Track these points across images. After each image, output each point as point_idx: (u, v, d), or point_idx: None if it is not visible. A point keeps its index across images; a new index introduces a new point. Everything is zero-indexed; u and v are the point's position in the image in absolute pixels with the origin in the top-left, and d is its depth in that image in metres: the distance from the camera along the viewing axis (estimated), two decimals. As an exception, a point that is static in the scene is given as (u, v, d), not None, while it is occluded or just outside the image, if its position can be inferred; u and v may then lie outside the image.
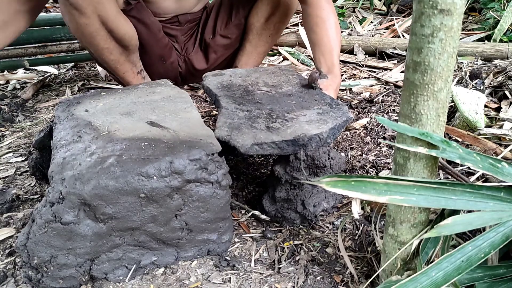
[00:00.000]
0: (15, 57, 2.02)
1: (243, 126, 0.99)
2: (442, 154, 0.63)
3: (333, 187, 0.62)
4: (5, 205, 1.14)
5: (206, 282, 0.88)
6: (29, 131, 1.61)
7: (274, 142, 0.93)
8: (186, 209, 0.88)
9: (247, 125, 0.99)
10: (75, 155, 0.86)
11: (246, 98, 1.12)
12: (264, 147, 0.94)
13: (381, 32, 2.30)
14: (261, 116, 1.03)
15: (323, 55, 1.39)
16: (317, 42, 1.40)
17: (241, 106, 1.08)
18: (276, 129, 0.97)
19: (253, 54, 1.68)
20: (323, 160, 0.97)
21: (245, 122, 1.00)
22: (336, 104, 1.09)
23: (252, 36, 1.64)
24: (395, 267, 0.74)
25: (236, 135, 0.95)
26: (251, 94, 1.14)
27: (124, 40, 1.42)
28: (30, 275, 0.84)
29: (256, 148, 0.93)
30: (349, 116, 1.03)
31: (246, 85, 1.20)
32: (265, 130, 0.97)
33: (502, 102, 1.34)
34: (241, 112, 1.05)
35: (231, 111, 1.05)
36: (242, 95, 1.13)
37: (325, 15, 1.39)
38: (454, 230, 0.63)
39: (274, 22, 1.61)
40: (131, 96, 1.13)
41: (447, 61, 0.60)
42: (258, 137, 0.94)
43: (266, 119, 1.01)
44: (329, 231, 1.00)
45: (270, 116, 1.03)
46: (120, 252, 0.88)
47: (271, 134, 0.95)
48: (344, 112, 1.04)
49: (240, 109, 1.06)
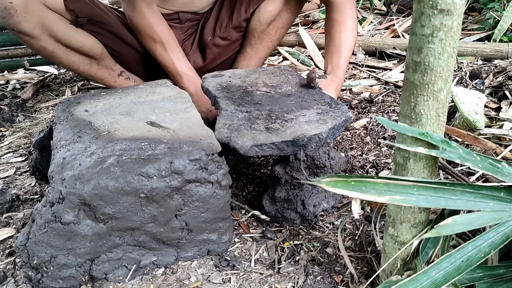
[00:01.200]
0: (15, 57, 2.03)
1: (242, 127, 0.99)
2: (442, 154, 0.63)
3: (333, 187, 0.62)
4: (5, 205, 1.14)
5: (206, 282, 0.88)
6: (29, 131, 1.61)
7: (273, 143, 0.93)
8: (186, 209, 0.88)
9: (246, 126, 0.99)
10: (75, 155, 0.86)
11: (246, 99, 1.12)
12: (263, 148, 0.94)
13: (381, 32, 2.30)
14: (260, 117, 1.03)
15: (331, 56, 1.41)
16: (329, 44, 1.44)
17: (240, 107, 1.08)
18: (275, 130, 0.97)
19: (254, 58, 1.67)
20: (323, 160, 0.97)
21: (245, 123, 1.00)
22: (336, 104, 1.09)
23: (253, 41, 1.63)
24: (395, 267, 0.74)
25: (236, 137, 0.95)
26: (251, 95, 1.14)
27: (84, 52, 1.44)
28: (30, 275, 0.84)
29: (255, 150, 0.93)
30: (348, 116, 1.03)
31: (245, 86, 1.20)
32: (264, 131, 0.97)
33: (502, 102, 1.34)
34: (241, 113, 1.05)
35: (231, 112, 1.05)
36: (242, 96, 1.13)
37: (343, 18, 1.42)
38: (454, 230, 0.63)
39: (276, 28, 1.61)
40: (131, 96, 1.13)
41: (447, 61, 0.60)
42: (257, 138, 0.94)
43: (265, 120, 1.01)
44: (329, 231, 1.00)
45: (270, 117, 1.03)
46: (120, 252, 0.88)
47: (271, 135, 0.95)
48: (343, 112, 1.04)
49: (240, 110, 1.06)
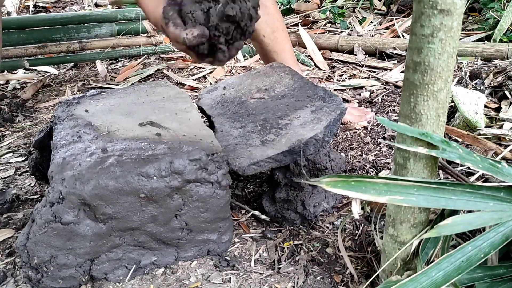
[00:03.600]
0: (15, 57, 2.02)
1: (238, 146, 0.98)
2: (442, 154, 0.63)
3: (333, 187, 0.62)
4: (5, 205, 1.14)
5: (206, 282, 0.88)
6: (29, 131, 1.61)
7: (270, 157, 0.93)
8: (186, 209, 0.88)
9: (242, 144, 0.99)
10: (75, 155, 0.86)
11: (239, 112, 1.11)
12: (261, 164, 0.93)
13: (381, 32, 2.30)
14: (255, 130, 1.02)
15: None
16: None
17: (235, 123, 1.07)
18: (270, 141, 0.97)
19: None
20: (324, 163, 0.97)
21: (240, 141, 1.00)
22: (330, 96, 1.07)
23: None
24: (395, 267, 0.74)
25: (233, 158, 0.95)
26: (245, 105, 1.14)
27: None
28: (30, 275, 0.84)
29: (253, 168, 0.93)
30: (343, 108, 1.01)
31: (239, 96, 1.19)
32: (260, 146, 0.96)
33: (502, 102, 1.34)
34: (235, 130, 1.04)
35: (226, 132, 1.05)
36: (236, 110, 1.13)
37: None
38: (454, 230, 0.63)
39: None
40: (131, 96, 1.13)
41: (447, 61, 0.60)
42: (253, 156, 0.94)
43: (260, 133, 1.01)
44: (329, 231, 1.00)
45: (264, 128, 1.02)
46: (120, 252, 0.88)
47: (266, 149, 0.95)
48: (337, 105, 1.03)
49: (234, 127, 1.06)
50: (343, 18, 2.46)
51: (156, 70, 2.10)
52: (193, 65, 2.13)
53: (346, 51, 2.08)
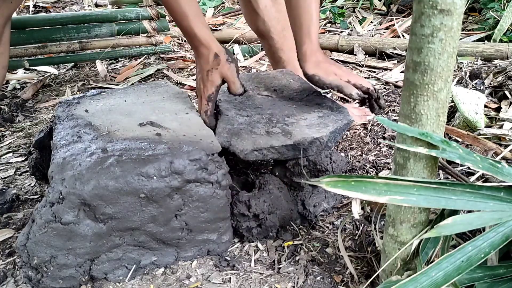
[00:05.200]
0: (15, 57, 2.02)
1: (242, 131, 0.98)
2: (442, 154, 0.63)
3: (333, 188, 0.62)
4: (5, 205, 1.14)
5: (206, 282, 0.88)
6: (29, 131, 1.61)
7: (273, 147, 0.93)
8: (186, 209, 0.88)
9: (246, 130, 0.99)
10: (75, 155, 0.86)
11: (247, 103, 1.12)
12: (263, 152, 0.93)
13: (381, 32, 2.30)
14: (261, 121, 1.03)
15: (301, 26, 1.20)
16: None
17: (241, 111, 1.07)
18: (276, 133, 0.97)
19: None
20: (325, 164, 0.97)
21: (245, 127, 1.00)
22: (337, 107, 1.08)
23: None
24: (395, 267, 0.73)
25: (236, 141, 0.95)
26: (252, 99, 1.14)
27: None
28: (30, 275, 0.84)
29: (255, 154, 0.93)
30: (349, 119, 1.03)
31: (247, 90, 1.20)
32: (264, 135, 0.97)
33: (502, 102, 1.34)
34: (241, 117, 1.05)
35: (231, 116, 1.05)
36: (243, 101, 1.13)
37: None
38: (454, 230, 0.63)
39: None
40: (131, 96, 1.13)
41: (447, 61, 0.60)
42: (257, 142, 0.94)
43: (266, 124, 1.01)
44: (329, 231, 1.00)
45: (270, 121, 1.02)
46: (120, 252, 0.88)
47: (271, 139, 0.95)
48: (345, 115, 1.04)
49: (240, 115, 1.06)
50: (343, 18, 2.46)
51: (156, 70, 2.10)
52: (193, 65, 2.13)
53: (346, 51, 2.08)
